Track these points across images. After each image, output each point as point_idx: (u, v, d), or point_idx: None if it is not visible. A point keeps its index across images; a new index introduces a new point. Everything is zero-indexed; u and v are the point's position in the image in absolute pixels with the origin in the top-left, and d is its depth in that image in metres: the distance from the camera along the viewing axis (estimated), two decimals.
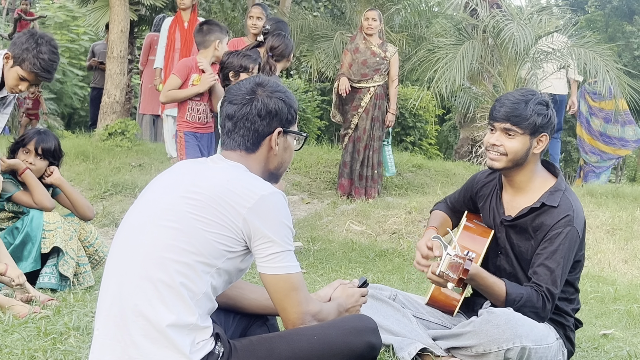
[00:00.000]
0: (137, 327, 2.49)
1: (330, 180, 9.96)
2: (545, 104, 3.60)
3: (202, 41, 6.54)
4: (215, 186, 2.61)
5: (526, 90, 3.66)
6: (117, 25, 10.91)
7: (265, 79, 2.90)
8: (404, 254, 7.18)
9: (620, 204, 8.34)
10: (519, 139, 3.55)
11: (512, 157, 3.57)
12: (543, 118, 3.56)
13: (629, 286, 6.28)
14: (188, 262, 2.51)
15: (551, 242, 3.52)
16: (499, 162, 3.60)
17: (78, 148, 9.90)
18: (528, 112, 3.53)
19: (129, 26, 11.29)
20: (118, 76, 10.94)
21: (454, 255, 3.20)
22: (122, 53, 10.99)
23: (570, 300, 3.72)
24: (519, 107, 3.54)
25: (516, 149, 3.56)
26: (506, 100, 3.57)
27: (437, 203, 4.19)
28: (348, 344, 2.74)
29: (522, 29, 8.61)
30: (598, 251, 7.22)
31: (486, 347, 3.36)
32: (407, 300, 3.86)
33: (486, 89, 10.15)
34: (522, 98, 3.57)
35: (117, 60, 10.93)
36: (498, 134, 3.59)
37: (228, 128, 2.83)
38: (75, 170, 9.14)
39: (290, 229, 2.67)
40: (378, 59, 9.10)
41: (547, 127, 3.58)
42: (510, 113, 3.54)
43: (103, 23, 12.54)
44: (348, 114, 9.25)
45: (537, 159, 3.66)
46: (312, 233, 7.70)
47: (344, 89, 9.03)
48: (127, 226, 2.69)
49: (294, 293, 2.67)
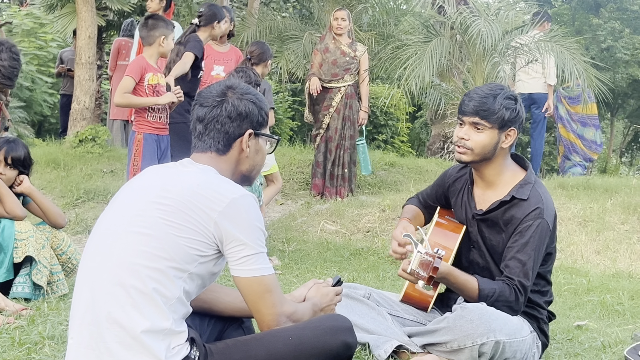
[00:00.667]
0: (112, 334, 2.48)
1: (304, 181, 9.97)
2: (513, 98, 3.63)
3: (147, 36, 6.29)
4: (186, 191, 2.61)
5: (495, 85, 3.68)
6: (84, 31, 10.83)
7: (235, 83, 2.91)
8: (379, 252, 7.20)
9: (592, 195, 8.39)
10: (487, 133, 3.58)
11: (480, 151, 3.60)
12: (511, 112, 3.59)
13: (602, 277, 6.34)
14: (160, 267, 2.51)
15: (522, 235, 3.55)
16: (467, 155, 3.63)
17: (49, 156, 9.82)
18: (496, 106, 3.56)
19: (96, 32, 11.21)
20: (87, 82, 10.86)
21: (424, 253, 3.22)
22: (90, 59, 10.91)
23: (542, 292, 3.75)
24: (487, 101, 3.57)
25: (484, 142, 3.59)
26: (475, 95, 3.60)
27: (410, 198, 4.21)
28: (323, 343, 2.75)
29: (489, 25, 8.65)
30: (570, 243, 7.27)
31: (461, 343, 3.38)
32: (381, 298, 3.88)
33: (456, 85, 10.18)
34: (490, 92, 3.59)
35: (85, 66, 10.85)
36: (467, 128, 3.62)
37: (199, 131, 2.83)
38: (47, 178, 9.07)
39: (262, 231, 2.68)
40: (348, 58, 9.11)
41: (515, 121, 3.61)
42: (479, 107, 3.57)
43: (71, 29, 12.44)
44: (319, 114, 9.25)
45: (506, 153, 3.69)
46: (286, 234, 7.71)
47: (315, 89, 9.03)
48: (98, 233, 2.68)
49: (268, 295, 2.68)
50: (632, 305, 5.27)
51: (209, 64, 7.96)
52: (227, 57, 8.10)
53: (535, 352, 3.66)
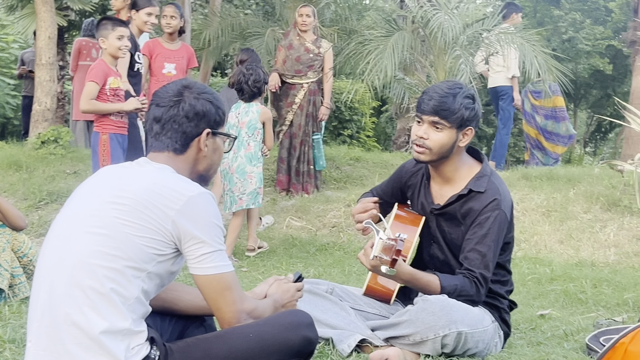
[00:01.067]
0: (70, 336, 2.46)
1: (269, 177, 9.94)
2: (472, 97, 3.64)
3: (98, 39, 6.35)
4: (142, 190, 2.59)
5: (453, 83, 3.68)
6: (44, 31, 10.72)
7: (191, 82, 2.91)
8: (345, 247, 7.22)
9: (555, 185, 8.47)
10: (446, 133, 3.59)
11: (438, 150, 3.62)
12: (470, 112, 3.60)
13: (565, 266, 6.40)
14: (117, 267, 2.49)
15: (480, 227, 3.57)
16: (425, 155, 3.65)
17: (11, 158, 9.72)
18: (456, 105, 3.57)
19: (57, 32, 11.10)
20: (48, 83, 10.75)
21: (386, 238, 3.22)
22: (50, 60, 10.80)
23: (503, 282, 3.78)
24: (447, 100, 3.57)
25: (443, 142, 3.60)
26: (434, 94, 3.59)
27: (364, 194, 4.21)
28: (284, 339, 2.75)
29: (450, 18, 8.69)
30: (534, 233, 7.33)
31: (423, 335, 3.40)
32: (344, 293, 3.88)
33: (419, 79, 10.21)
34: (450, 91, 3.59)
35: (45, 67, 10.73)
36: (426, 127, 3.63)
37: (155, 131, 2.82)
38: (9, 180, 8.98)
39: (221, 228, 2.67)
40: (312, 55, 9.09)
41: (473, 120, 3.63)
42: (439, 107, 3.57)
43: (32, 30, 12.32)
44: (283, 110, 9.23)
45: (463, 150, 3.71)
46: None
47: (274, 85, 9.01)
48: (54, 235, 2.65)
49: (228, 292, 2.67)
50: (595, 294, 5.32)
51: (160, 62, 7.94)
52: (179, 55, 8.05)
53: (497, 342, 3.69)
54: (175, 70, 7.95)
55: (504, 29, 9.66)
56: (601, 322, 4.38)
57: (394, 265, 3.20)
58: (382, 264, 3.24)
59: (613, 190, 7.96)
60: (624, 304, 5.01)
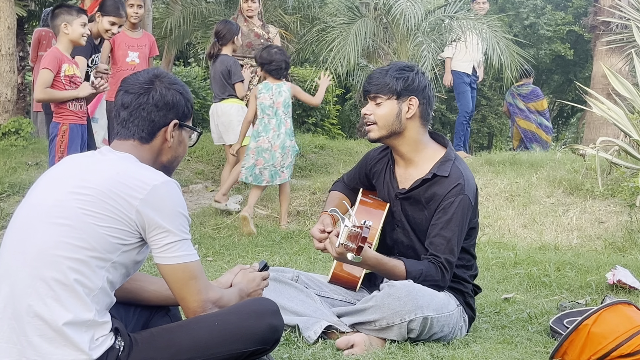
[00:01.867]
0: (33, 327, 2.44)
1: None
2: (407, 69, 3.75)
3: (53, 27, 6.26)
4: (105, 179, 2.57)
5: (393, 63, 3.85)
6: (3, 22, 10.58)
7: (163, 72, 2.89)
8: (310, 235, 7.20)
9: (518, 170, 8.52)
10: (386, 105, 3.70)
11: (384, 123, 3.70)
12: (404, 81, 3.69)
13: (529, 250, 6.44)
14: (81, 258, 2.47)
15: (445, 212, 3.59)
16: (374, 131, 3.75)
17: None
18: (387, 78, 3.70)
19: (16, 22, 10.97)
20: (8, 74, 10.62)
21: (352, 225, 3.23)
22: (10, 50, 10.67)
23: (467, 267, 3.81)
24: (380, 75, 3.72)
25: (384, 113, 3.70)
26: (375, 75, 3.75)
27: (335, 182, 4.23)
28: (249, 327, 2.75)
29: (412, 5, 8.71)
30: (498, 218, 7.38)
31: (389, 320, 3.42)
32: (309, 280, 3.89)
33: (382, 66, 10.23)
34: (384, 69, 3.78)
35: (5, 57, 10.60)
36: (369, 105, 3.76)
37: (123, 117, 2.79)
38: None
39: (186, 217, 2.66)
40: (262, 40, 8.91)
41: (413, 90, 3.71)
42: (373, 82, 3.72)
43: None
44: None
45: (417, 127, 3.74)
46: (217, 220, 7.66)
47: None
48: (16, 226, 2.62)
49: (193, 282, 2.66)
50: (558, 277, 5.36)
51: (123, 50, 7.90)
52: (141, 43, 8.01)
53: (462, 326, 3.72)
54: (139, 58, 7.91)
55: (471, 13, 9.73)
56: (565, 305, 4.43)
57: (359, 252, 3.21)
58: (348, 252, 3.25)
59: (575, 175, 8.03)
60: (587, 287, 5.05)
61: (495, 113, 26.40)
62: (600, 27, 13.54)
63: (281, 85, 7.42)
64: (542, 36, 23.24)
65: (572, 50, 23.82)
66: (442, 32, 9.59)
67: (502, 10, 22.99)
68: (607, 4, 13.13)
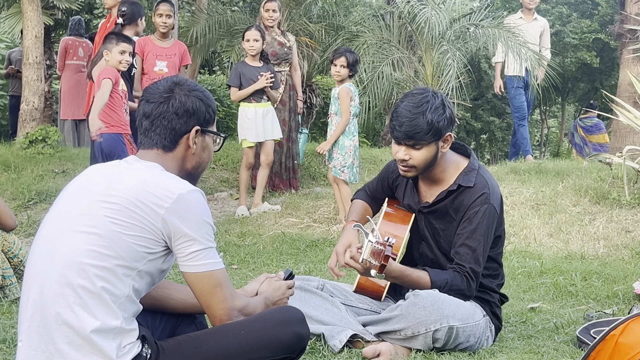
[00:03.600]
0: (61, 335, 2.46)
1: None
2: (441, 106, 3.57)
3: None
4: (132, 188, 2.58)
5: (419, 99, 3.57)
6: (30, 30, 10.67)
7: (182, 79, 2.90)
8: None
9: (543, 179, 8.48)
10: (426, 148, 3.57)
11: (423, 165, 3.62)
12: (443, 121, 3.55)
13: (555, 259, 6.40)
14: (108, 266, 2.49)
15: (470, 222, 3.58)
16: (411, 172, 3.67)
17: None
18: (427, 125, 3.51)
19: (43, 31, 11.06)
20: (35, 83, 10.71)
21: (375, 242, 3.22)
22: (37, 59, 10.75)
23: (494, 276, 3.79)
24: (417, 122, 3.51)
25: (425, 156, 3.59)
26: (404, 119, 3.53)
27: (358, 191, 4.22)
28: (275, 336, 2.75)
29: (437, 13, 8.70)
30: (524, 227, 7.33)
31: (414, 330, 3.41)
32: (335, 289, 3.89)
33: (407, 75, 10.22)
34: (418, 111, 3.53)
35: (33, 66, 10.69)
36: (405, 149, 3.59)
37: (145, 127, 2.81)
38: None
39: (211, 225, 2.67)
40: (286, 49, 8.98)
41: (449, 127, 3.59)
42: (411, 131, 3.52)
43: (18, 29, 12.26)
44: None
45: (446, 152, 3.69)
46: (242, 228, 7.68)
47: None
48: (44, 234, 2.64)
49: (219, 289, 2.67)
50: (585, 286, 5.33)
51: (152, 59, 7.95)
52: (171, 52, 8.07)
53: (489, 336, 3.70)
54: (167, 67, 7.98)
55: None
56: (591, 315, 4.40)
57: (382, 270, 3.20)
58: (371, 269, 3.24)
59: (602, 183, 7.98)
60: (614, 296, 5.02)
61: None
62: (627, 35, 13.42)
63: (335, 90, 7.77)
64: (568, 44, 23.11)
65: (598, 58, 23.67)
66: (467, 41, 9.57)
67: None
68: (633, 11, 13.03)
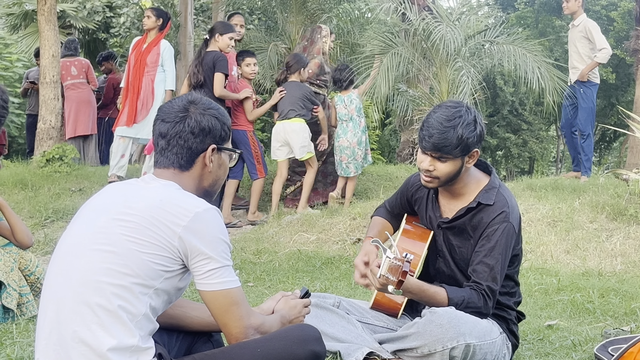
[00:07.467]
0: (78, 353, 2.46)
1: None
2: (473, 122, 3.55)
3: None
4: (149, 207, 2.59)
5: (452, 113, 3.55)
6: (47, 50, 10.77)
7: (197, 97, 2.91)
8: (350, 260, 7.20)
9: (560, 196, 8.45)
10: (451, 162, 3.56)
11: (446, 178, 3.61)
12: (473, 138, 3.54)
13: (572, 276, 6.38)
14: (125, 284, 2.50)
15: (488, 240, 3.56)
16: (434, 183, 3.65)
17: (16, 176, 9.75)
18: (457, 139, 3.50)
19: (60, 51, 11.14)
20: (52, 101, 10.79)
21: (393, 258, 3.21)
22: (54, 78, 10.84)
23: (511, 294, 3.77)
24: (447, 135, 3.49)
25: (449, 170, 3.58)
26: (434, 130, 3.51)
27: (377, 208, 4.21)
28: (291, 354, 2.74)
29: (451, 30, 8.72)
30: (540, 244, 7.31)
31: (431, 347, 3.39)
32: (351, 306, 3.88)
33: (422, 91, 10.23)
34: (449, 125, 3.50)
35: (50, 85, 10.78)
36: (430, 160, 3.58)
37: (161, 146, 2.82)
38: (14, 199, 8.99)
39: (227, 243, 2.67)
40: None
41: (477, 143, 3.58)
42: (440, 144, 3.51)
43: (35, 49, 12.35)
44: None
45: (470, 168, 3.69)
46: (258, 246, 7.69)
47: None
48: (61, 252, 2.65)
49: (235, 308, 2.67)
50: (602, 303, 5.31)
51: (230, 65, 8.82)
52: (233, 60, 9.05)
53: (505, 354, 3.68)
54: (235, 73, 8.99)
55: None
56: (609, 332, 4.37)
57: (399, 287, 3.20)
58: (389, 284, 3.24)
59: (618, 200, 7.95)
60: (632, 313, 5.00)
61: (537, 137, 26.23)
62: None
63: (351, 95, 9.05)
64: None
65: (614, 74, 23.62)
66: (482, 57, 9.57)
67: (543, 34, 22.89)
68: None
